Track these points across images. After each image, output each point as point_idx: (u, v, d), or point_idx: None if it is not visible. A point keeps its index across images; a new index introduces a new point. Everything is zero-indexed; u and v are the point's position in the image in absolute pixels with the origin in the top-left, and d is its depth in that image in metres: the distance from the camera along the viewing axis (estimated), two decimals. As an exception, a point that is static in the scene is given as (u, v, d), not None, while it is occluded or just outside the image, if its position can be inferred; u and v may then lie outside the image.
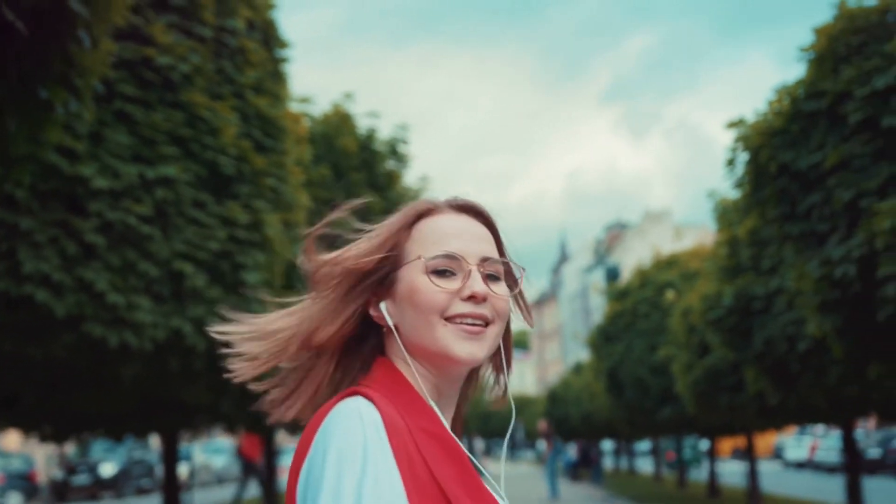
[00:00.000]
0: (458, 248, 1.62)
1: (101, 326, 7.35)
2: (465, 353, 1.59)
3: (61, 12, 3.99)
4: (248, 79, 8.88)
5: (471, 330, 1.59)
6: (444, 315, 1.60)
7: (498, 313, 1.63)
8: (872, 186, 8.20)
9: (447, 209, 1.69)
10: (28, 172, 5.06)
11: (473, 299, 1.59)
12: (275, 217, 9.00)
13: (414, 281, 1.62)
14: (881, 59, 8.28)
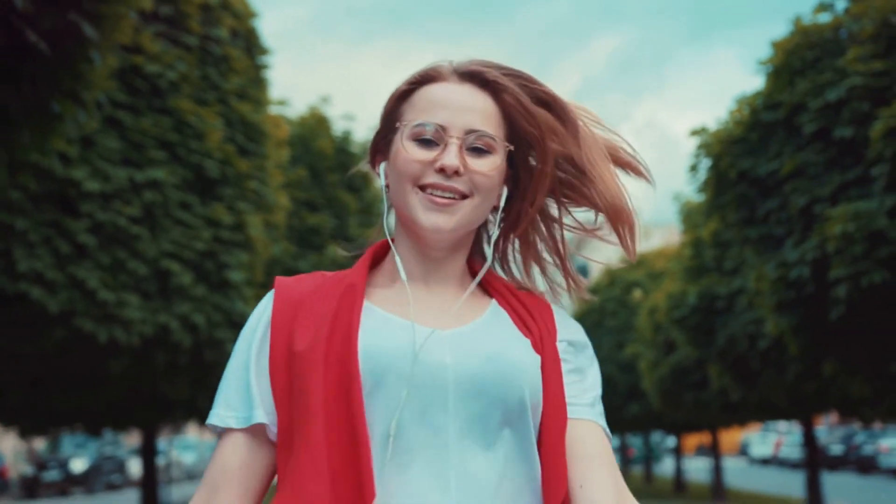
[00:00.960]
0: (442, 118, 1.58)
1: (91, 322, 7.70)
2: (428, 223, 1.58)
3: (75, 35, 4.35)
4: (231, 85, 9.25)
5: (438, 201, 1.57)
6: (417, 183, 1.58)
7: (477, 187, 1.59)
8: (825, 193, 8.69)
9: (451, 76, 1.63)
10: (32, 177, 5.39)
11: (443, 172, 1.56)
12: (257, 218, 9.37)
13: (397, 146, 1.61)
14: (833, 73, 8.76)
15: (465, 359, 1.52)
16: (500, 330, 1.60)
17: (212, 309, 8.80)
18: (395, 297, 1.62)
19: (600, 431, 1.59)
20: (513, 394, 1.51)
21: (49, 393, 9.98)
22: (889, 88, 8.30)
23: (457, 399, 1.50)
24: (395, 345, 1.52)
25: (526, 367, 1.54)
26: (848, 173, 8.61)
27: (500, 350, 1.55)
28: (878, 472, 31.96)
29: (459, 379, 1.51)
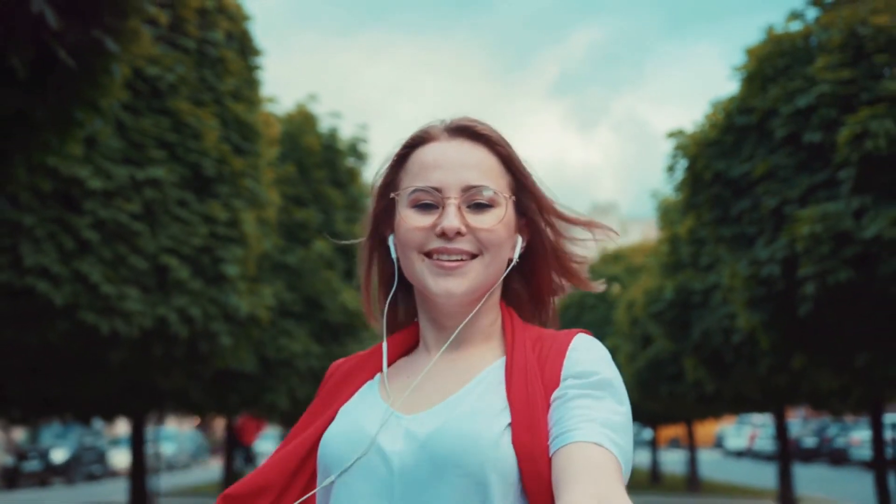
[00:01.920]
0: (437, 179, 1.53)
1: (94, 314, 8.04)
2: (439, 289, 1.52)
3: (98, 49, 4.70)
4: (227, 86, 9.59)
5: (446, 265, 1.52)
6: (422, 250, 1.54)
7: (483, 244, 1.53)
8: (795, 195, 9.12)
9: (441, 134, 1.60)
10: (46, 178, 5.74)
11: (444, 236, 1.51)
12: (250, 214, 9.72)
13: (399, 215, 1.57)
14: (803, 80, 9.19)
15: (411, 443, 1.46)
16: (470, 400, 1.50)
17: (208, 302, 9.15)
18: (412, 367, 1.62)
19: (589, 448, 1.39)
20: (447, 468, 1.42)
21: (46, 382, 10.29)
22: (855, 96, 8.74)
23: (401, 485, 1.44)
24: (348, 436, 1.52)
25: (470, 437, 1.42)
26: (816, 176, 9.04)
27: (444, 424, 1.45)
28: (850, 464, 32.56)
29: (403, 466, 1.45)
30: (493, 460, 1.41)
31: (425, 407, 1.52)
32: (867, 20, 8.80)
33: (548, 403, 1.47)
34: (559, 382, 1.49)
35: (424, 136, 1.61)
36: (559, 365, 1.52)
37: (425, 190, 1.54)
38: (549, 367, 1.52)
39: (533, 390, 1.47)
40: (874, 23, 8.69)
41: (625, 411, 1.47)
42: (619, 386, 1.51)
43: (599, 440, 1.38)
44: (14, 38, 4.08)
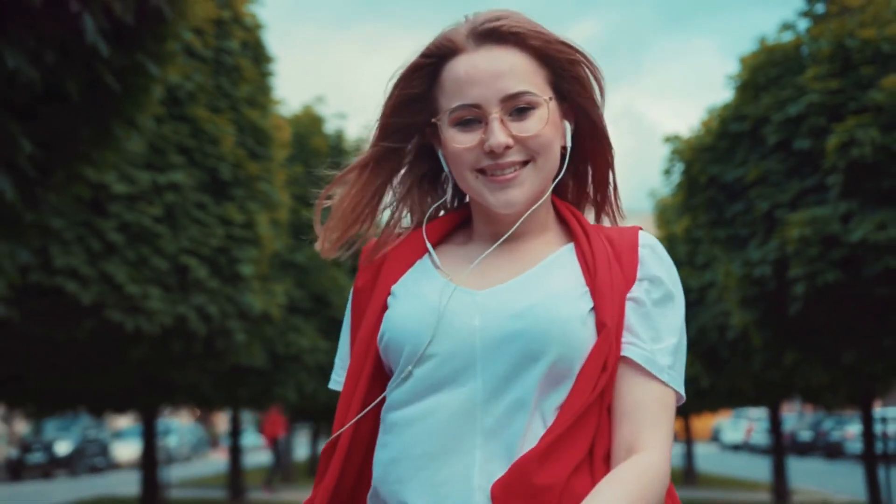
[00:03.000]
0: (474, 96, 1.49)
1: (120, 313, 8.47)
2: (499, 203, 1.52)
3: (140, 71, 5.12)
4: (242, 93, 10.02)
5: (500, 179, 1.51)
6: (474, 168, 1.52)
7: (534, 149, 1.51)
8: (785, 199, 9.56)
9: (467, 43, 1.53)
10: (85, 187, 6.16)
11: (493, 153, 1.49)
12: (264, 216, 10.15)
13: (444, 135, 1.54)
14: (794, 89, 9.62)
15: (492, 319, 1.47)
16: (547, 281, 1.51)
17: (224, 300, 9.58)
18: (466, 253, 1.61)
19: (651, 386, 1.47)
20: (542, 350, 1.43)
21: (66, 377, 10.72)
22: (843, 105, 9.17)
23: (485, 361, 1.45)
24: (419, 313, 1.51)
25: (563, 320, 1.44)
26: (806, 182, 9.48)
27: (534, 305, 1.46)
28: (845, 457, 32.93)
29: (486, 341, 1.46)
30: (580, 341, 1.44)
31: (494, 283, 1.52)
32: (855, 33, 9.23)
33: (624, 298, 1.49)
34: (635, 279, 1.52)
35: (450, 47, 1.53)
36: (634, 261, 1.53)
37: (465, 107, 1.50)
38: (626, 260, 1.53)
39: (616, 280, 1.49)
40: (861, 36, 9.12)
41: (683, 326, 1.54)
42: (681, 295, 1.56)
43: (663, 377, 1.47)
44: (70, 65, 4.50)
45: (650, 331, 1.49)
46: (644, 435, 1.45)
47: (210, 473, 29.86)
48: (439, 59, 1.54)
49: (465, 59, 1.52)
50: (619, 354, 1.46)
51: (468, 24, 1.54)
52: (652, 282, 1.52)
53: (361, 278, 1.62)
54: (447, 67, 1.54)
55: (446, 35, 1.54)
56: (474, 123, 1.51)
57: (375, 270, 1.61)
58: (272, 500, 18.64)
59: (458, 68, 1.52)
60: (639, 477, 1.41)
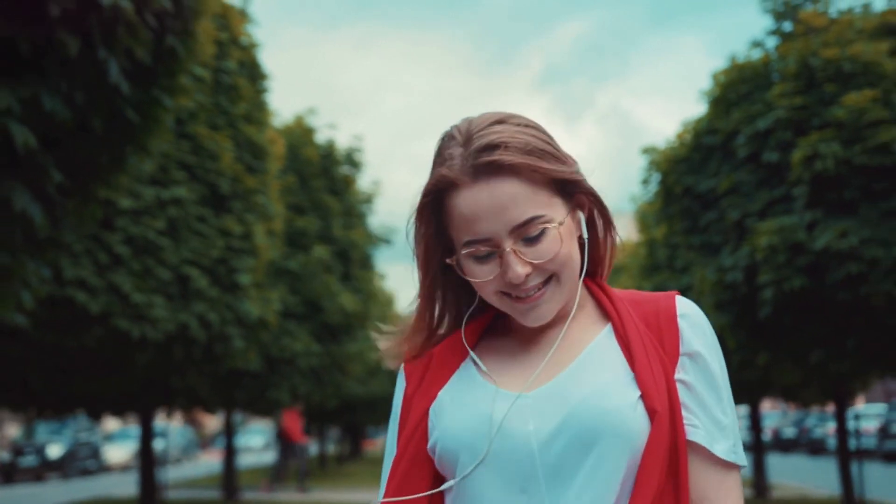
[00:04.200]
0: (484, 231, 1.46)
1: (126, 321, 8.96)
2: (529, 321, 1.51)
3: (155, 104, 5.63)
4: (239, 110, 10.53)
5: (526, 300, 1.49)
6: (498, 292, 1.51)
7: (554, 269, 1.49)
8: (755, 209, 10.12)
9: (465, 179, 1.48)
10: (99, 208, 6.66)
11: (513, 285, 1.48)
12: (261, 227, 10.65)
13: (463, 266, 1.52)
14: (763, 105, 10.19)
15: (547, 422, 1.44)
16: (592, 373, 1.49)
17: (224, 308, 10.09)
18: (503, 348, 1.60)
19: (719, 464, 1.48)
20: (596, 443, 1.41)
21: (70, 382, 11.19)
22: (807, 121, 9.74)
23: (544, 464, 1.43)
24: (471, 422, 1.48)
25: (614, 411, 1.42)
26: (774, 192, 10.05)
27: (584, 399, 1.44)
28: (827, 453, 33.51)
29: (542, 444, 1.43)
30: (636, 432, 1.41)
31: (541, 383, 1.50)
32: (818, 52, 9.79)
33: (672, 378, 1.48)
34: (678, 356, 1.50)
35: (447, 183, 1.49)
36: (675, 336, 1.52)
37: (477, 242, 1.47)
38: (667, 337, 1.52)
39: (656, 363, 1.47)
40: (824, 55, 9.68)
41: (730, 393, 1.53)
42: (723, 365, 1.54)
43: (731, 458, 1.48)
44: (95, 103, 5.00)
45: (706, 412, 1.48)
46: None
47: (202, 475, 30.23)
48: (440, 194, 1.52)
49: (467, 194, 1.48)
50: (685, 437, 1.45)
51: (462, 155, 1.49)
52: (695, 359, 1.50)
53: (411, 385, 1.61)
54: (449, 201, 1.50)
55: (441, 173, 1.50)
56: (490, 256, 1.48)
57: (421, 375, 1.60)
58: (266, 500, 19.08)
59: (461, 205, 1.48)
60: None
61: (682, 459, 1.43)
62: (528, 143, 1.48)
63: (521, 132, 1.50)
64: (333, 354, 15.76)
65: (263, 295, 11.22)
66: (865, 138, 9.21)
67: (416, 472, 1.53)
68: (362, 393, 25.46)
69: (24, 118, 4.49)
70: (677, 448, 1.43)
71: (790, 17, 10.93)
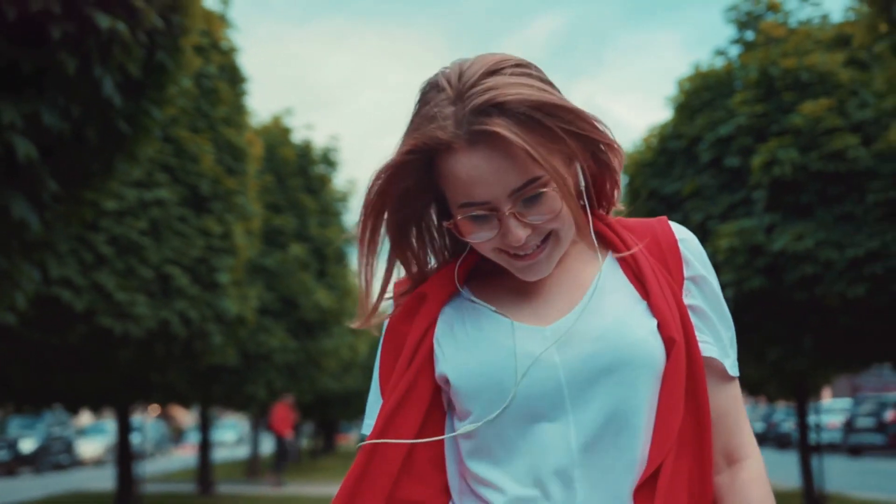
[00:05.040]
0: (482, 194, 1.40)
1: (110, 319, 9.25)
2: (526, 276, 1.48)
3: (145, 115, 5.94)
4: (219, 113, 10.83)
5: (524, 258, 1.45)
6: (495, 248, 1.46)
7: (553, 226, 1.44)
8: (717, 212, 10.54)
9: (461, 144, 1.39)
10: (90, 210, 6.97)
11: (512, 247, 1.44)
12: (240, 227, 10.96)
13: (459, 226, 1.45)
14: (725, 112, 10.61)
15: (571, 352, 1.43)
16: (608, 303, 1.48)
17: (204, 306, 10.39)
18: (503, 285, 1.55)
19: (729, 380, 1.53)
20: (628, 373, 1.42)
21: (51, 378, 11.46)
22: (767, 128, 10.17)
23: (573, 396, 1.42)
24: (493, 358, 1.46)
25: (641, 340, 1.43)
26: (735, 196, 10.47)
27: (607, 330, 1.44)
28: (794, 447, 34.09)
29: (570, 375, 1.42)
30: (659, 359, 1.42)
31: (556, 316, 1.48)
32: (778, 62, 10.21)
33: (683, 303, 1.49)
34: (683, 280, 1.51)
35: (439, 145, 1.40)
36: (678, 261, 1.53)
37: (475, 205, 1.41)
38: (671, 262, 1.52)
39: (667, 290, 1.48)
40: (783, 65, 10.10)
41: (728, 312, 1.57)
42: (717, 282, 1.56)
43: (731, 369, 1.52)
44: (89, 115, 5.31)
45: (714, 331, 1.52)
46: (738, 439, 1.53)
47: (177, 469, 30.39)
48: (429, 152, 1.43)
49: (463, 159, 1.39)
50: (701, 361, 1.46)
51: (455, 115, 1.39)
52: (699, 283, 1.53)
53: (396, 314, 1.56)
54: (441, 162, 1.42)
55: (432, 133, 1.40)
56: (487, 217, 1.43)
57: (412, 307, 1.55)
58: (241, 495, 19.34)
59: (456, 168, 1.40)
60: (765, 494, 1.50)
61: (701, 381, 1.45)
62: (527, 99, 1.38)
63: (518, 83, 1.40)
64: (309, 350, 16.11)
65: (242, 292, 11.53)
66: (821, 145, 9.64)
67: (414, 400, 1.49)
68: (336, 388, 25.74)
69: (24, 131, 4.80)
70: (695, 372, 1.45)
71: (752, 26, 11.36)
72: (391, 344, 1.57)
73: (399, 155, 1.45)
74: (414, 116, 1.47)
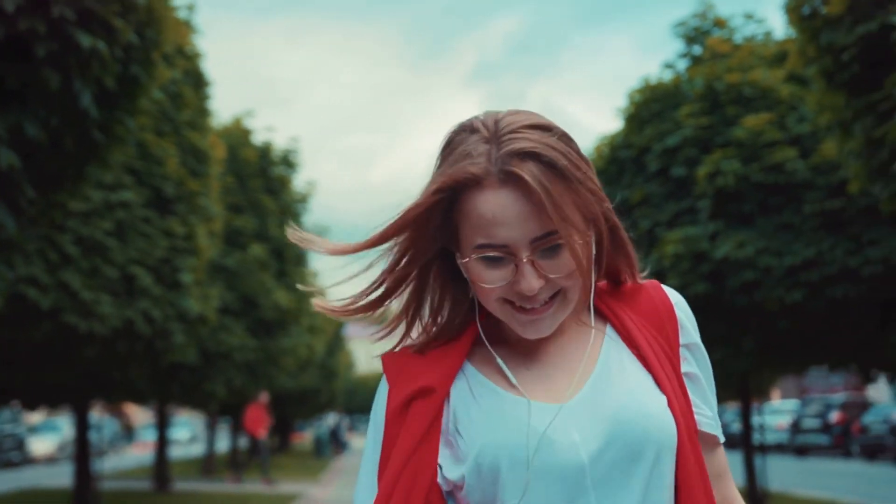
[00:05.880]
0: (503, 237, 1.39)
1: (75, 317, 9.50)
2: (528, 334, 1.46)
3: (118, 124, 6.25)
4: (184, 117, 11.10)
5: (530, 312, 1.43)
6: (501, 298, 1.44)
7: (565, 284, 1.43)
8: (664, 219, 11.01)
9: (492, 181, 1.40)
10: (60, 213, 7.25)
11: (523, 296, 1.41)
12: (203, 228, 11.24)
13: (468, 264, 1.44)
14: (672, 123, 11.08)
15: (592, 432, 1.41)
16: (618, 377, 1.48)
17: (167, 305, 10.66)
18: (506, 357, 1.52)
19: (719, 445, 1.57)
20: (646, 449, 1.40)
21: (11, 373, 11.66)
22: (712, 140, 10.65)
23: (594, 475, 1.40)
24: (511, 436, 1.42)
25: (655, 415, 1.44)
26: (681, 204, 10.94)
27: (623, 406, 1.43)
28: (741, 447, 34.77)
29: (593, 456, 1.40)
30: (674, 434, 1.42)
31: (568, 393, 1.46)
32: (722, 77, 10.70)
33: (680, 373, 1.50)
34: (678, 347, 1.53)
35: (472, 181, 1.41)
36: (675, 328, 1.55)
37: (492, 247, 1.40)
38: (669, 329, 1.54)
39: (666, 365, 1.49)
40: (728, 80, 10.59)
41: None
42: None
43: (720, 434, 1.56)
44: (68, 125, 5.61)
45: (707, 401, 1.54)
46: (731, 492, 1.60)
47: (132, 466, 30.39)
48: (457, 190, 1.43)
49: (490, 196, 1.40)
50: (696, 429, 1.49)
51: (489, 154, 1.41)
52: (693, 350, 1.55)
53: (397, 396, 1.50)
54: (467, 199, 1.42)
55: (464, 168, 1.41)
56: (502, 261, 1.41)
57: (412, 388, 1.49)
58: (198, 492, 19.53)
59: (482, 206, 1.40)
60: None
61: (698, 449, 1.46)
62: (563, 159, 1.41)
63: (559, 145, 1.42)
64: (268, 349, 16.42)
65: (204, 292, 11.80)
66: (762, 157, 10.13)
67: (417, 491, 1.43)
68: (292, 386, 26.01)
69: (7, 141, 5.09)
70: (692, 440, 1.45)
71: (699, 42, 11.85)
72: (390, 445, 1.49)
73: (427, 195, 1.44)
74: (443, 159, 1.47)
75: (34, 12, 4.70)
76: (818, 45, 6.49)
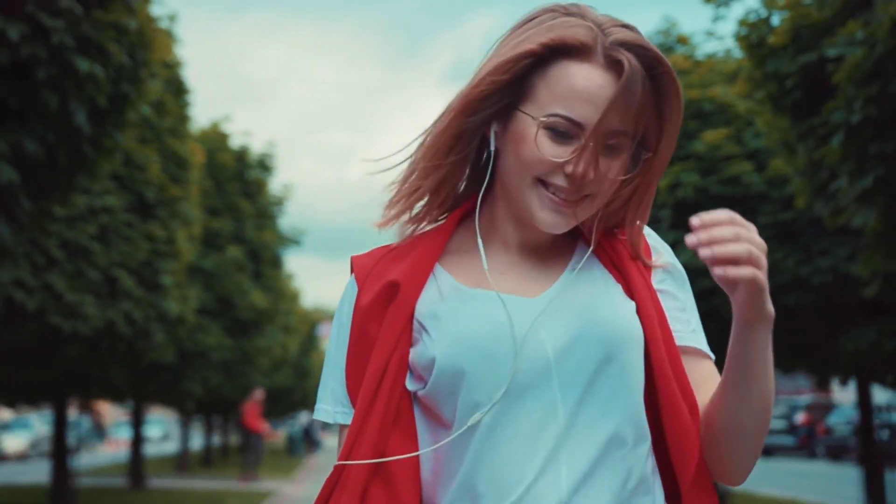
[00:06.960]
0: (582, 114, 1.35)
1: (59, 318, 9.86)
2: (545, 223, 1.42)
3: (108, 138, 6.64)
4: (165, 124, 11.47)
5: (559, 201, 1.40)
6: (540, 177, 1.39)
7: (601, 189, 1.40)
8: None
9: (599, 57, 1.36)
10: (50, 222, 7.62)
11: (573, 178, 1.37)
12: (183, 232, 11.63)
13: (525, 130, 1.38)
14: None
15: (560, 330, 1.40)
16: (589, 282, 1.47)
17: (148, 306, 11.05)
18: (472, 262, 1.50)
19: (706, 357, 1.54)
20: (614, 350, 1.39)
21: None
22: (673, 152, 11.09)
23: (559, 369, 1.38)
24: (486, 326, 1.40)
25: (624, 318, 1.43)
26: (643, 214, 11.38)
27: (590, 306, 1.43)
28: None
29: (557, 349, 1.38)
30: (639, 338, 1.43)
31: (535, 292, 1.46)
32: (683, 93, 11.13)
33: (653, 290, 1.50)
34: (651, 268, 1.53)
35: (578, 48, 1.37)
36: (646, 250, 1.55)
37: (567, 120, 1.36)
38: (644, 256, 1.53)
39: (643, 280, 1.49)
40: (688, 95, 11.04)
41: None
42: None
43: (706, 348, 1.55)
44: (62, 141, 6.00)
45: (687, 315, 1.55)
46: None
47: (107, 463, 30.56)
48: (555, 52, 1.38)
49: (589, 72, 1.37)
50: (674, 342, 1.47)
51: (602, 35, 1.38)
52: (671, 270, 1.56)
53: (367, 294, 1.47)
54: (562, 66, 1.38)
55: (576, 31, 1.37)
56: (565, 138, 1.37)
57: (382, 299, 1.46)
58: (172, 489, 19.80)
59: (578, 79, 1.36)
60: None
61: (676, 355, 1.45)
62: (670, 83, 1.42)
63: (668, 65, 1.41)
64: (244, 348, 16.81)
65: (183, 293, 12.19)
66: (720, 170, 10.60)
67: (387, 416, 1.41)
68: (266, 385, 26.36)
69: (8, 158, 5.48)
70: (671, 351, 1.44)
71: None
72: (360, 343, 1.46)
73: (531, 44, 1.38)
74: (525, 31, 1.43)
75: (36, 39, 5.10)
76: (765, 72, 6.97)
